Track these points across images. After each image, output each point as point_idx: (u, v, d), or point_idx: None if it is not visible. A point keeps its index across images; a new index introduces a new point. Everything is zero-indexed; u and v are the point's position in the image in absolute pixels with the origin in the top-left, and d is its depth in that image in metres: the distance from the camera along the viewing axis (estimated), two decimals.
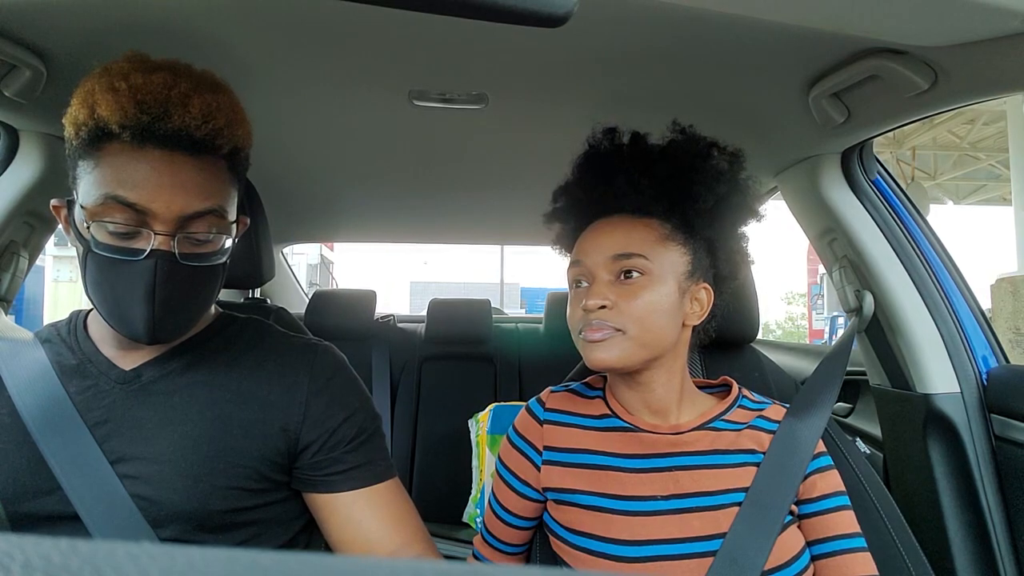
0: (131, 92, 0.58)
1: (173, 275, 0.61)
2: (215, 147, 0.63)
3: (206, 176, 0.63)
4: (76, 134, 0.61)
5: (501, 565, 0.18)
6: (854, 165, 1.06)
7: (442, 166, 1.37)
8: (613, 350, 0.66)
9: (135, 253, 0.60)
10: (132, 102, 0.58)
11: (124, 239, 0.60)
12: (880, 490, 0.82)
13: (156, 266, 0.60)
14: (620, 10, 0.70)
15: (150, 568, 0.13)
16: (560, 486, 0.71)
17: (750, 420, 0.73)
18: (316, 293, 2.09)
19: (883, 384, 1.13)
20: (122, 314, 0.62)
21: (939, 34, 0.61)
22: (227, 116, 0.63)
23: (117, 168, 0.59)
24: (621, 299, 0.66)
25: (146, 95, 0.58)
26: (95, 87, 0.59)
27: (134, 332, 0.62)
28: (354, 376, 0.77)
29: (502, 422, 1.48)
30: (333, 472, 0.70)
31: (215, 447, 0.65)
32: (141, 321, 0.61)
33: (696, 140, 0.72)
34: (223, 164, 0.65)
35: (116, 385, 0.66)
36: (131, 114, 0.58)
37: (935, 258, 1.06)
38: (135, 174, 0.59)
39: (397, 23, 0.75)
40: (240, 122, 0.66)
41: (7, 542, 0.13)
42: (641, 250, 0.67)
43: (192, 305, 0.66)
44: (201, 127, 0.60)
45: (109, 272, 0.61)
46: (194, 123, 0.60)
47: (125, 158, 0.59)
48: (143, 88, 0.59)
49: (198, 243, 0.63)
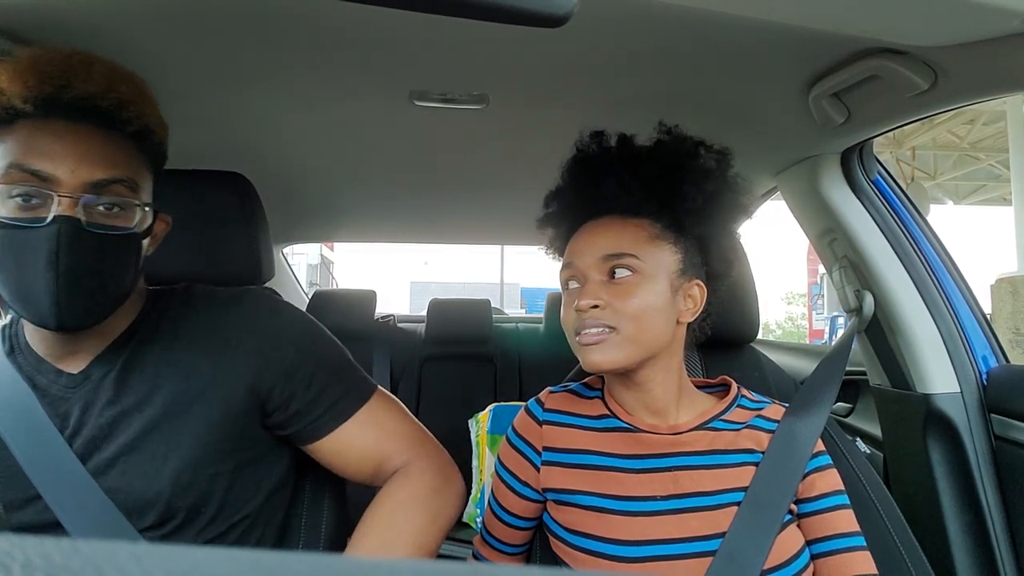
0: (31, 63, 0.59)
1: (77, 242, 0.58)
2: (122, 120, 0.62)
3: (113, 148, 0.62)
4: None
5: (501, 565, 0.18)
6: (854, 165, 1.06)
7: (443, 166, 1.37)
8: (608, 352, 0.66)
9: (38, 220, 0.58)
10: (33, 72, 0.58)
11: (28, 208, 0.58)
12: (880, 490, 0.82)
13: (59, 231, 0.57)
14: (621, 10, 0.70)
15: (152, 568, 0.13)
16: (560, 486, 0.71)
17: (749, 420, 0.73)
18: (316, 293, 2.09)
19: (883, 384, 1.13)
20: (26, 292, 0.58)
21: (939, 34, 0.61)
22: (133, 92, 0.63)
23: (22, 140, 0.59)
24: (614, 298, 0.66)
25: (46, 64, 0.59)
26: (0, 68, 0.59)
27: (39, 312, 0.59)
28: (296, 312, 0.77)
29: (502, 422, 1.48)
30: (316, 416, 0.72)
31: (180, 421, 0.66)
32: (45, 296, 0.58)
33: (683, 140, 0.73)
34: (132, 144, 0.64)
35: (67, 390, 0.66)
36: (32, 85, 0.58)
37: (935, 258, 1.06)
38: (39, 143, 0.59)
39: (398, 24, 0.75)
40: (149, 103, 0.65)
41: (8, 542, 0.13)
42: (632, 249, 0.67)
43: (100, 281, 0.61)
44: (104, 96, 0.60)
45: (12, 245, 0.58)
46: (97, 90, 0.59)
47: (29, 131, 0.59)
48: (42, 58, 0.59)
49: (106, 213, 0.61)
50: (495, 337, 2.00)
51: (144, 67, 0.81)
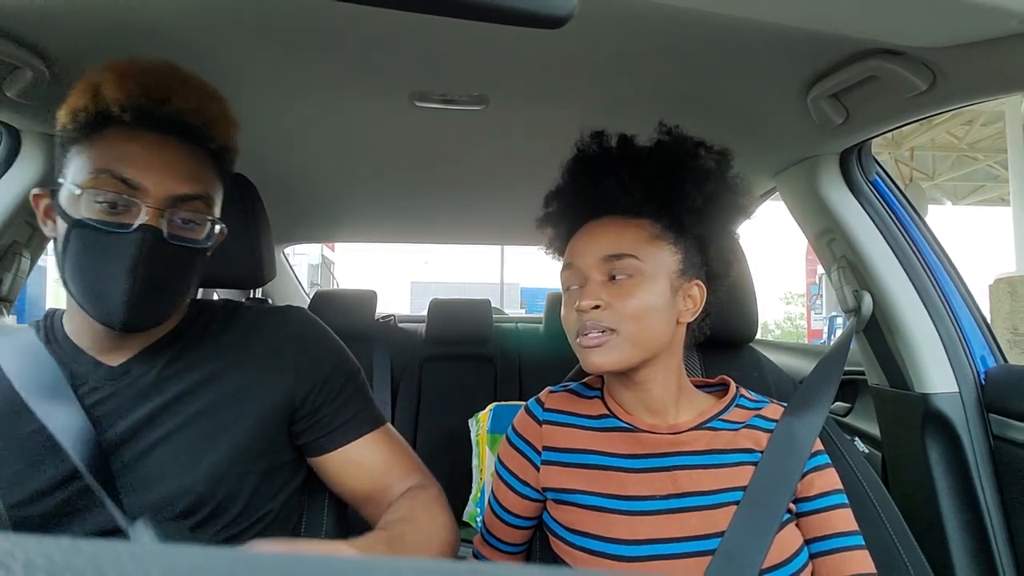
0: (136, 75, 0.62)
1: (158, 251, 0.61)
2: (206, 138, 0.65)
3: (196, 164, 0.65)
4: (73, 120, 0.62)
5: (501, 564, 0.19)
6: (853, 166, 1.06)
7: (443, 167, 1.37)
8: (609, 353, 0.66)
9: (123, 226, 0.60)
10: (136, 84, 0.61)
11: (113, 213, 0.61)
12: (879, 489, 0.82)
13: (143, 239, 0.60)
14: (620, 11, 0.70)
15: (152, 567, 0.13)
16: (559, 486, 0.72)
17: (748, 419, 0.73)
18: (317, 293, 2.09)
19: (881, 384, 1.13)
20: (100, 292, 0.60)
21: (937, 35, 0.61)
22: (219, 112, 0.67)
23: (112, 147, 0.61)
24: (614, 299, 0.66)
25: (149, 78, 0.62)
26: (100, 74, 0.62)
27: (109, 312, 0.61)
28: (330, 331, 0.80)
29: (502, 422, 1.48)
30: (335, 426, 0.73)
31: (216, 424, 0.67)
32: (119, 299, 0.60)
33: (683, 140, 0.73)
34: (211, 160, 0.67)
35: (106, 381, 0.66)
36: (134, 95, 0.61)
37: (933, 258, 1.06)
38: (130, 151, 0.61)
39: (398, 24, 0.75)
40: (231, 123, 0.69)
41: (9, 541, 0.14)
42: (632, 250, 0.67)
43: (171, 289, 0.65)
44: (195, 114, 0.63)
45: (94, 247, 0.60)
46: (190, 108, 0.63)
47: (121, 139, 0.62)
48: (148, 71, 0.63)
49: (185, 226, 0.64)
50: (495, 337, 2.00)
51: None
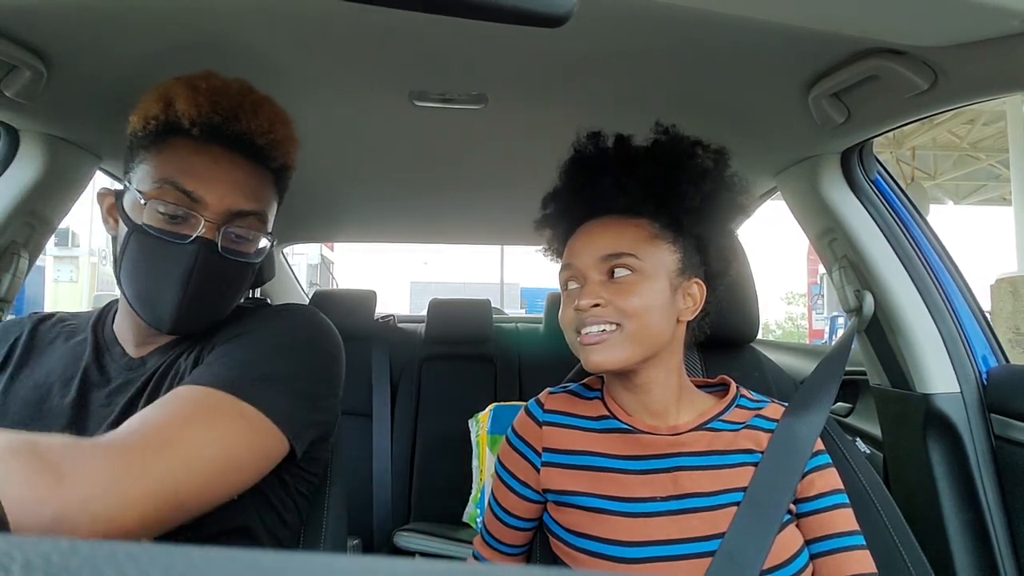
0: (209, 92, 0.64)
1: (211, 263, 0.64)
2: (270, 158, 0.68)
3: (257, 181, 0.68)
4: (144, 127, 0.65)
5: (501, 565, 0.18)
6: (854, 165, 1.06)
7: (442, 166, 1.37)
8: (610, 351, 0.66)
9: (181, 237, 0.63)
10: (208, 101, 0.63)
11: (173, 223, 0.64)
12: (880, 490, 0.82)
13: (199, 251, 0.63)
14: (620, 10, 0.70)
15: (150, 568, 0.13)
16: (560, 487, 0.71)
17: (748, 419, 0.73)
18: (316, 293, 2.09)
19: (883, 384, 1.13)
20: (152, 297, 0.64)
21: (939, 34, 0.61)
22: (285, 133, 0.70)
23: (179, 159, 0.64)
24: (614, 297, 0.66)
25: (222, 97, 0.64)
26: (174, 86, 0.65)
27: (158, 316, 0.64)
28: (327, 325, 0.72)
29: (502, 422, 1.48)
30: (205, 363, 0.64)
31: None
32: (170, 305, 0.63)
33: (680, 139, 0.73)
34: (272, 177, 0.71)
35: (124, 371, 0.68)
36: (205, 112, 0.63)
37: (935, 258, 1.06)
38: (195, 165, 0.64)
39: (397, 24, 0.75)
40: (294, 145, 0.72)
41: (7, 542, 0.14)
42: (631, 249, 0.67)
43: (219, 300, 0.68)
44: (263, 135, 0.66)
45: (152, 252, 0.64)
46: (259, 130, 0.65)
47: (188, 151, 0.64)
48: (221, 90, 0.65)
49: (239, 240, 0.67)
50: (495, 337, 2.00)
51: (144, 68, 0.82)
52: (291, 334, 0.69)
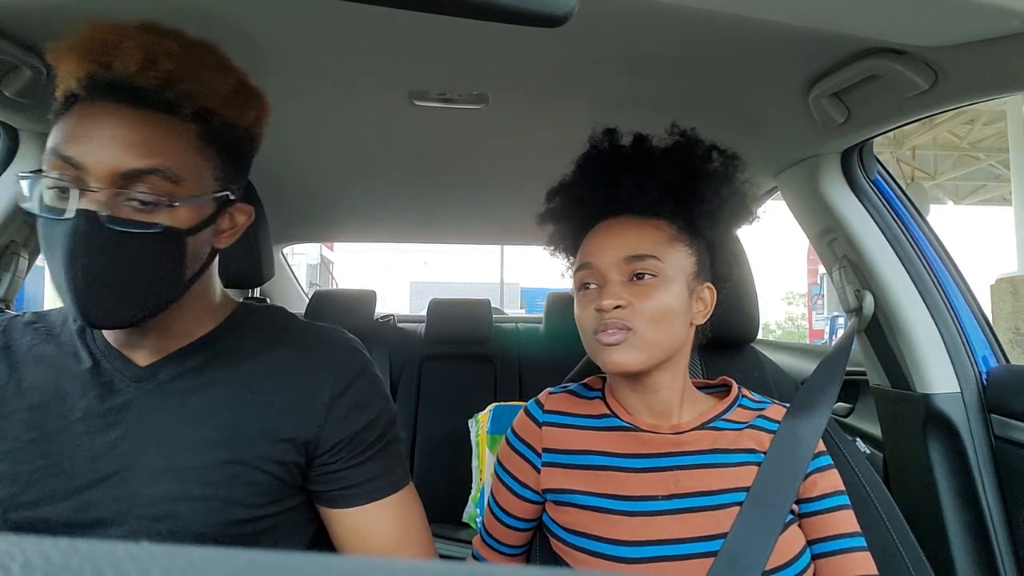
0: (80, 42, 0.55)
1: (94, 239, 0.52)
2: (168, 102, 0.55)
3: (151, 132, 0.55)
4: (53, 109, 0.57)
5: (501, 565, 0.18)
6: (854, 165, 1.06)
7: (442, 166, 1.37)
8: (630, 353, 0.66)
9: (58, 213, 0.53)
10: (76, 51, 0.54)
11: (59, 199, 0.54)
12: (880, 490, 0.82)
13: (76, 227, 0.52)
14: (620, 10, 0.70)
15: (150, 567, 0.13)
16: (560, 487, 0.71)
17: (750, 420, 0.73)
18: (316, 293, 2.09)
19: (883, 384, 1.13)
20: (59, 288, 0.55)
21: (939, 34, 0.61)
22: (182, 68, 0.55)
23: (68, 125, 0.55)
24: (635, 299, 0.66)
25: (89, 42, 0.54)
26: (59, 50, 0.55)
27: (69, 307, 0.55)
28: (377, 375, 0.72)
29: (502, 422, 1.48)
30: (350, 485, 0.66)
31: (233, 452, 0.61)
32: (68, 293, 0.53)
33: (698, 143, 0.73)
34: (190, 128, 0.57)
35: (132, 384, 0.62)
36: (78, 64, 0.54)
37: (935, 258, 1.06)
38: (78, 128, 0.54)
39: (397, 23, 0.75)
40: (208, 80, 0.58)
41: (7, 542, 0.13)
42: (653, 251, 0.67)
43: (126, 279, 0.55)
44: (141, 75, 0.53)
45: (44, 238, 0.55)
46: (134, 68, 0.53)
47: (78, 115, 0.55)
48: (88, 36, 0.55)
49: (140, 208, 0.55)
50: (495, 337, 2.00)
51: None
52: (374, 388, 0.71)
